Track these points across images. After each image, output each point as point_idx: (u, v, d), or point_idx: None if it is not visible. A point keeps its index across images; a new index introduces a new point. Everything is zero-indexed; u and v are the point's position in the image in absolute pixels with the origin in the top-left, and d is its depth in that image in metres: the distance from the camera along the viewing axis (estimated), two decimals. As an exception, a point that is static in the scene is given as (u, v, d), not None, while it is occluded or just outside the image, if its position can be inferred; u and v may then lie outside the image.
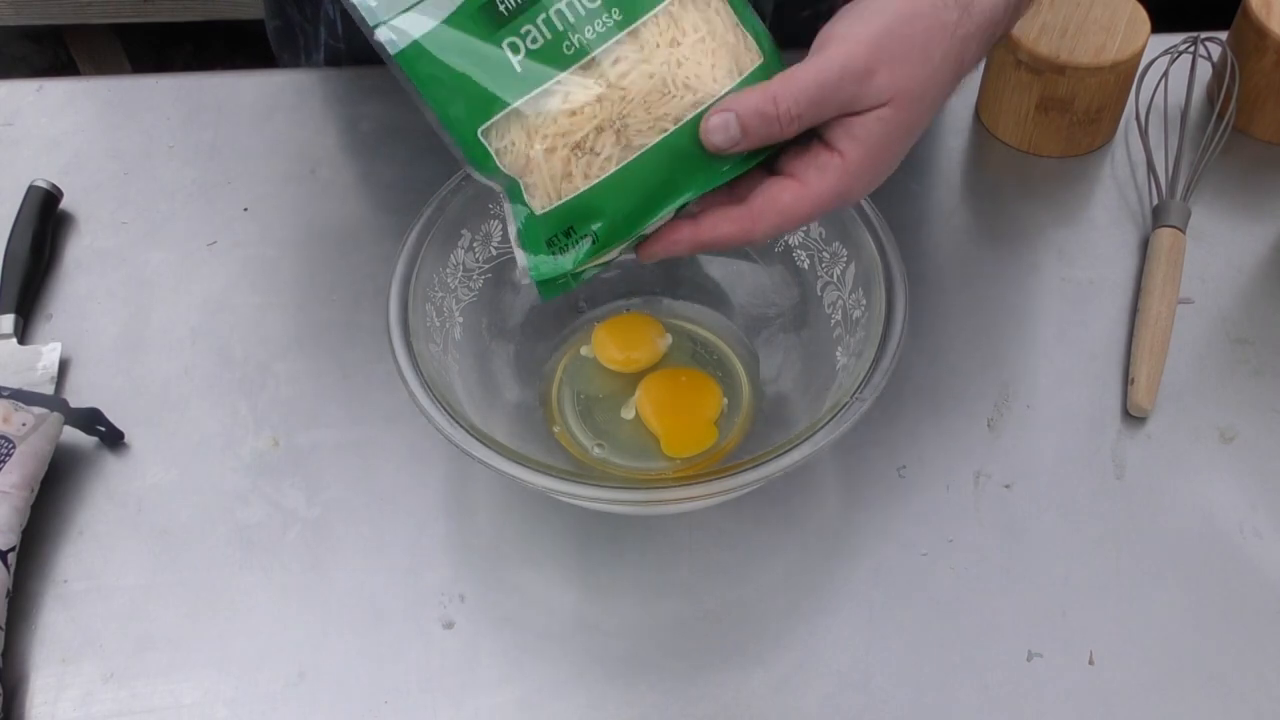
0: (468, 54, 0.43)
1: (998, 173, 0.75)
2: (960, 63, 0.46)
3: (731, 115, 0.43)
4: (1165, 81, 0.76)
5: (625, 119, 0.44)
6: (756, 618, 0.55)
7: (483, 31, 0.42)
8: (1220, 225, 0.71)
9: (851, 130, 0.44)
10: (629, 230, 0.46)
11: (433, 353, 0.53)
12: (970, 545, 0.57)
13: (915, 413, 0.62)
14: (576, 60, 0.43)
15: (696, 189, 0.45)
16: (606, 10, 0.43)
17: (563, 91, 0.44)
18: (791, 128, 0.43)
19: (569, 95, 0.44)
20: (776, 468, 0.48)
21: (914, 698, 0.53)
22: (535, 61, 0.43)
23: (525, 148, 0.44)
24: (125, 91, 0.79)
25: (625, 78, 0.43)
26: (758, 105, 0.43)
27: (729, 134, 0.43)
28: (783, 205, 0.44)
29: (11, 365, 0.63)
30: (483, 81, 0.43)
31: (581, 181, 0.45)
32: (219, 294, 0.68)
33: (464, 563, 0.57)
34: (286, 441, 0.61)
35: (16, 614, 0.54)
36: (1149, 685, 0.53)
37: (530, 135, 0.44)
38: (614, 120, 0.44)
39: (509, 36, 0.43)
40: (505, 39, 0.43)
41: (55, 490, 0.59)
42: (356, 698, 0.52)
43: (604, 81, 0.44)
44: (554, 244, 0.46)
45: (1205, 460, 0.61)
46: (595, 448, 0.59)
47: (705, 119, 0.44)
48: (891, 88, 0.43)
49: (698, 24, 0.44)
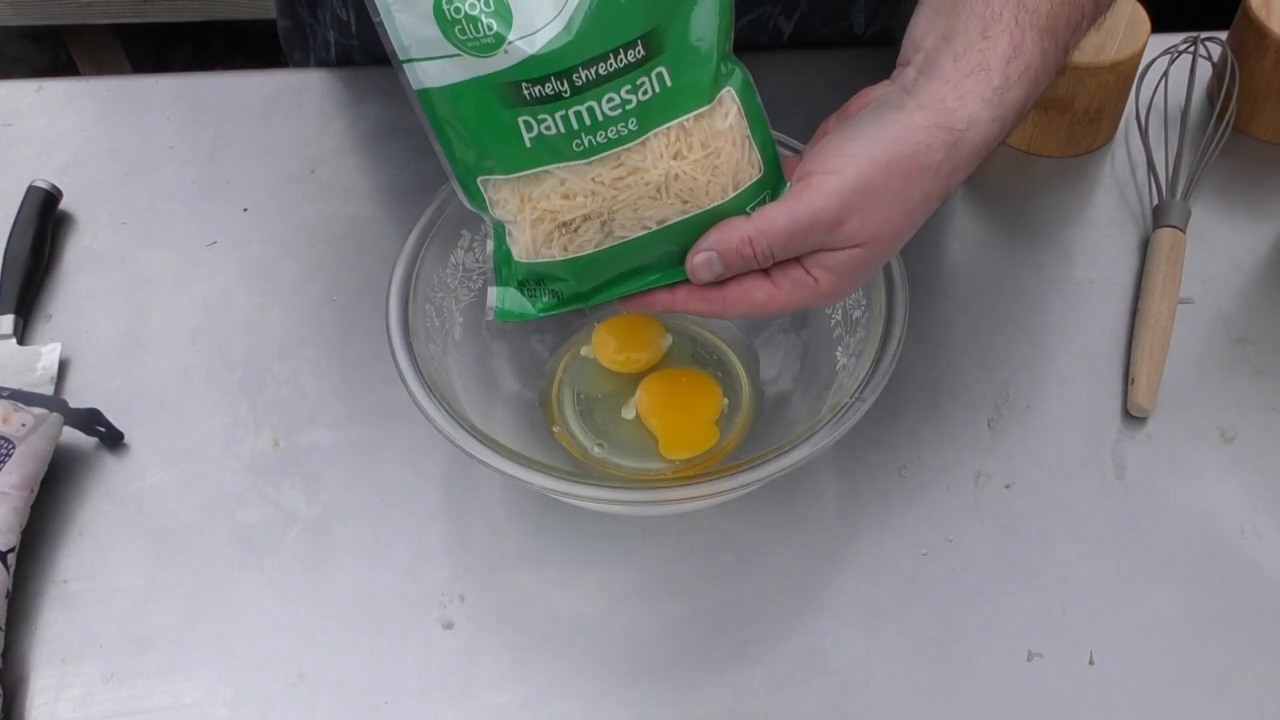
0: (483, 116, 0.44)
1: (998, 173, 0.75)
2: (945, 193, 0.47)
3: (714, 255, 0.46)
4: (1165, 81, 0.76)
5: (614, 215, 0.45)
6: (756, 618, 0.55)
7: (503, 103, 0.43)
8: (1220, 225, 0.71)
9: (823, 262, 0.46)
10: (595, 299, 0.49)
11: (433, 353, 0.53)
12: (970, 545, 0.57)
13: (915, 413, 0.62)
14: (582, 158, 0.44)
15: (667, 279, 0.48)
16: (624, 120, 0.43)
17: (561, 177, 0.44)
18: (767, 263, 0.46)
19: (565, 182, 0.44)
20: (776, 468, 0.48)
21: (914, 698, 0.53)
22: (543, 145, 0.44)
23: (515, 211, 0.46)
24: (125, 91, 0.79)
25: (622, 182, 0.44)
26: (737, 247, 0.46)
27: (713, 270, 0.47)
28: (754, 301, 0.47)
29: (11, 365, 0.63)
30: (489, 144, 0.44)
31: (560, 253, 0.47)
32: (219, 294, 0.68)
33: (464, 563, 0.57)
34: (286, 441, 0.61)
35: (16, 614, 0.54)
36: (1149, 685, 0.53)
37: (522, 202, 0.45)
38: (602, 213, 0.45)
39: (525, 115, 0.43)
40: (521, 116, 0.43)
41: (55, 490, 0.59)
42: (356, 698, 0.52)
43: (602, 182, 0.44)
44: (525, 286, 0.49)
45: (1205, 460, 0.61)
46: (595, 448, 0.59)
47: (691, 256, 0.47)
48: (862, 234, 0.45)
49: (707, 140, 0.45)
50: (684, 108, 0.44)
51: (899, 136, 0.44)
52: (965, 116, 0.45)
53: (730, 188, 0.46)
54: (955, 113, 0.45)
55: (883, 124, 0.45)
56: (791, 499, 0.59)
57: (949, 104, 0.45)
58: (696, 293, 0.48)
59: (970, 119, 0.45)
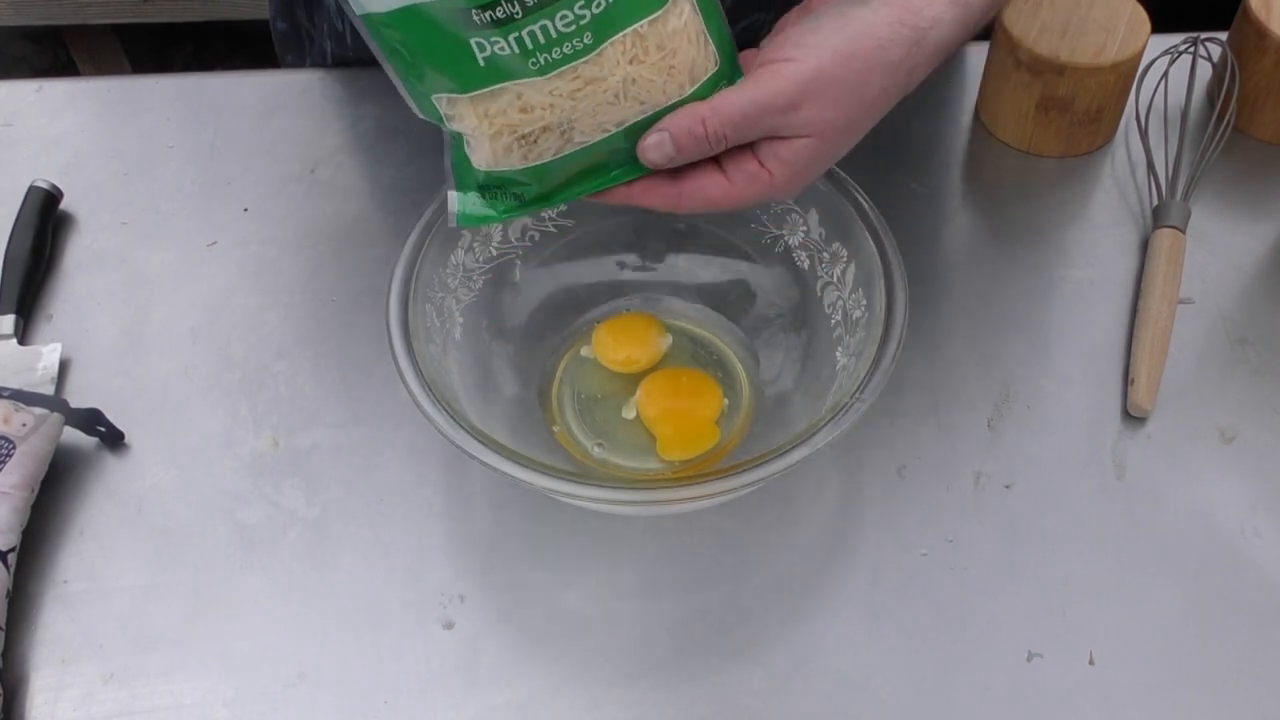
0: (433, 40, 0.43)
1: (998, 173, 0.75)
2: (903, 90, 0.47)
3: (666, 135, 0.46)
4: (1165, 82, 0.76)
5: (573, 124, 0.45)
6: (756, 618, 0.55)
7: (453, 27, 0.43)
8: (1220, 225, 0.71)
9: (777, 152, 0.46)
10: (557, 199, 0.49)
11: (433, 353, 0.53)
12: (970, 545, 0.57)
13: (915, 413, 0.62)
14: (539, 75, 0.44)
15: (625, 176, 0.48)
16: (579, 35, 0.43)
17: (518, 92, 0.44)
18: (720, 146, 0.46)
19: (523, 96, 0.44)
20: (776, 468, 0.48)
21: (914, 698, 0.53)
22: (498, 65, 0.43)
23: (474, 126, 0.46)
24: (125, 91, 0.79)
25: (580, 93, 0.44)
26: (689, 127, 0.45)
27: (664, 151, 0.46)
28: (709, 196, 0.48)
29: (11, 365, 0.63)
30: (442, 66, 0.44)
31: (519, 162, 0.47)
32: (219, 294, 0.68)
33: (464, 563, 0.57)
34: (286, 442, 0.61)
35: (16, 614, 0.54)
36: (1149, 685, 0.53)
37: (480, 119, 0.45)
38: (561, 123, 0.45)
39: (477, 38, 0.43)
40: (473, 39, 0.43)
41: (55, 490, 0.59)
42: (356, 698, 0.52)
43: (560, 94, 0.44)
44: (486, 191, 0.49)
45: (1205, 460, 0.61)
46: (595, 447, 0.59)
47: (643, 139, 0.46)
48: (818, 121, 0.45)
49: (663, 42, 0.45)
50: (638, 14, 0.44)
51: (861, 31, 0.45)
52: (930, 16, 0.45)
53: (687, 84, 0.46)
54: (921, 11, 0.45)
55: (846, 18, 0.45)
56: (791, 499, 0.59)
57: (915, 2, 0.45)
58: (653, 187, 0.48)
59: (934, 18, 0.45)
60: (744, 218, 0.61)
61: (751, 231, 0.61)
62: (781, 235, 0.60)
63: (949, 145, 0.76)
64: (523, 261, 0.61)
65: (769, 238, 0.61)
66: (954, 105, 0.78)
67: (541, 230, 0.61)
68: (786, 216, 0.60)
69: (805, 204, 0.59)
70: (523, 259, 0.61)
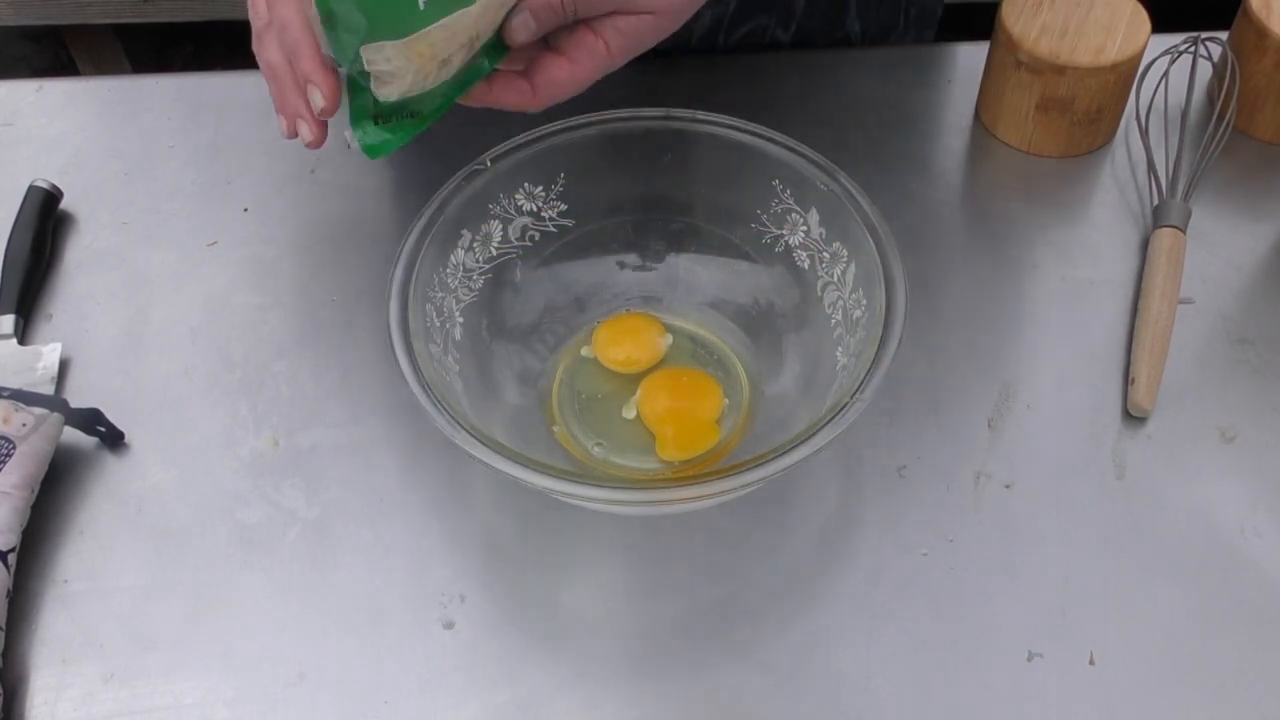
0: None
1: (998, 173, 0.75)
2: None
3: (528, 14, 0.51)
4: (1165, 82, 0.76)
5: (480, 36, 0.50)
6: (756, 617, 0.55)
7: None
8: (1220, 225, 0.71)
9: (619, 25, 0.52)
10: (444, 106, 0.53)
11: (433, 353, 0.53)
12: (970, 545, 0.57)
13: (915, 413, 0.62)
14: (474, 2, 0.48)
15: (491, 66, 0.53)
16: None
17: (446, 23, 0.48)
18: (571, 15, 0.52)
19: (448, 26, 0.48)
20: (776, 468, 0.48)
21: (914, 698, 0.53)
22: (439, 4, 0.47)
23: (402, 65, 0.48)
24: (125, 91, 0.79)
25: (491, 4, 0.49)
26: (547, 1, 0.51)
27: (528, 29, 0.51)
28: (557, 81, 0.53)
29: (11, 365, 0.63)
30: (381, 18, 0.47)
31: (432, 83, 0.50)
32: (219, 294, 0.68)
33: (464, 563, 0.57)
34: (286, 441, 0.61)
35: (16, 614, 0.55)
36: (1149, 685, 0.53)
37: (409, 57, 0.48)
38: (475, 36, 0.49)
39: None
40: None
41: (55, 490, 0.59)
42: (356, 698, 0.52)
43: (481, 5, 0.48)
44: (382, 120, 0.52)
45: (1205, 460, 0.61)
46: (595, 447, 0.59)
47: (509, 21, 0.51)
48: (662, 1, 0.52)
49: None
50: None
51: None
52: None
53: None
54: None
55: None
56: (791, 499, 0.59)
57: None
58: (509, 84, 0.53)
59: None
60: (744, 218, 0.61)
61: (752, 231, 0.61)
62: (782, 235, 0.60)
63: (949, 145, 0.76)
64: (523, 261, 0.61)
65: (769, 238, 0.61)
66: (954, 105, 0.78)
67: (541, 230, 0.61)
68: (787, 216, 0.60)
69: (805, 204, 0.59)
70: (523, 259, 0.61)
